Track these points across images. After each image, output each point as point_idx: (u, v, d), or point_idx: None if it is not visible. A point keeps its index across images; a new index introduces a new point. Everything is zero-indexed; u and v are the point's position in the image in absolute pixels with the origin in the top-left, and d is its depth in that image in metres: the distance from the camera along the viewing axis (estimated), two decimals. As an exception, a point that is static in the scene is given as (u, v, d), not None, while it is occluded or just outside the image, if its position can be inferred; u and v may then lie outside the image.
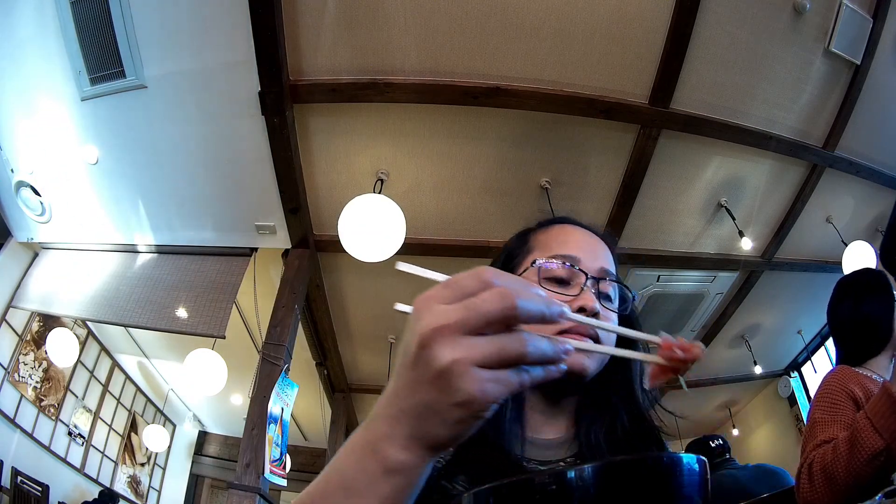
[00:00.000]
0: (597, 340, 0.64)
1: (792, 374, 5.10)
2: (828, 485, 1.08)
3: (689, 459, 0.37)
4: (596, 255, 0.71)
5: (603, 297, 0.68)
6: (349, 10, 2.27)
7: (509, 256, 0.76)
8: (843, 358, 1.42)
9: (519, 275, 0.70)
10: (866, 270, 1.58)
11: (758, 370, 4.80)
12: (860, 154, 3.17)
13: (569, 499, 0.35)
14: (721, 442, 2.63)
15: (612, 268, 0.72)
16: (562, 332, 0.60)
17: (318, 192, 2.99)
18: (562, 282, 0.68)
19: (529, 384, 0.35)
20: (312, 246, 3.20)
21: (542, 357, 0.35)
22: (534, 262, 0.69)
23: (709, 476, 0.38)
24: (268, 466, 2.64)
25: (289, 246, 3.19)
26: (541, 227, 0.77)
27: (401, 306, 0.40)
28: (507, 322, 0.34)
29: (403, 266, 0.40)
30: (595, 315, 0.64)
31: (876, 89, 2.85)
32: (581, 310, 0.63)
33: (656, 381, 0.50)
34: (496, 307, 0.33)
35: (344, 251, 2.64)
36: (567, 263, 0.68)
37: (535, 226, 0.78)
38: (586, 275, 0.67)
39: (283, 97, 2.44)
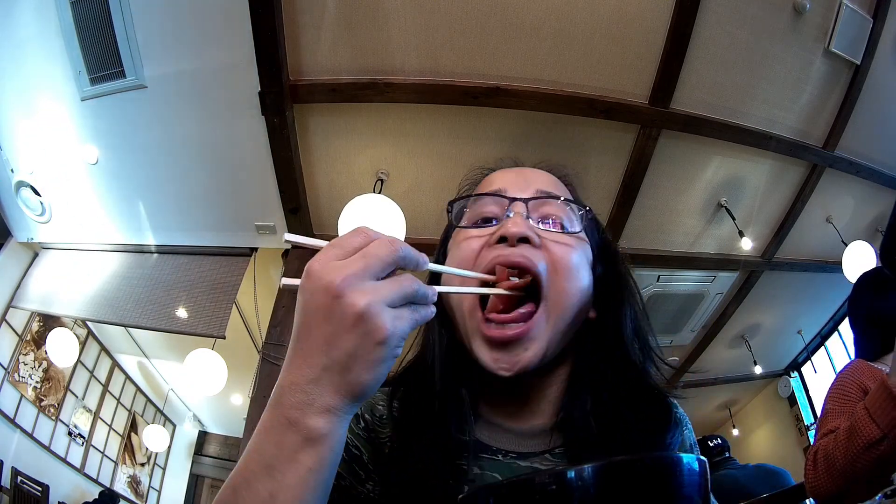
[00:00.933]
0: (526, 271, 0.54)
1: (792, 374, 5.10)
2: (828, 471, 1.11)
3: (689, 459, 0.37)
4: (529, 182, 0.62)
5: (545, 220, 0.59)
6: (349, 9, 2.27)
7: (445, 232, 0.69)
8: (861, 352, 1.43)
9: (450, 235, 0.65)
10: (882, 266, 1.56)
11: (758, 370, 4.80)
12: (860, 154, 3.17)
13: (568, 498, 0.35)
14: (720, 441, 2.63)
15: (553, 188, 0.63)
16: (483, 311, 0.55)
17: (318, 192, 2.98)
18: (491, 221, 0.60)
19: (421, 321, 0.40)
20: (312, 246, 3.20)
21: (424, 296, 0.40)
22: (449, 205, 0.63)
23: (709, 476, 0.38)
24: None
25: (289, 246, 3.19)
26: (473, 185, 0.71)
27: (287, 280, 0.42)
28: (396, 265, 0.39)
29: (290, 237, 0.43)
30: (525, 241, 0.55)
31: (876, 89, 2.85)
32: (503, 239, 0.55)
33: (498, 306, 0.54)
34: (389, 252, 0.38)
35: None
36: (496, 195, 0.60)
37: (480, 175, 0.71)
38: (511, 199, 0.58)
39: (283, 97, 2.44)
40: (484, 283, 0.55)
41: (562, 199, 0.61)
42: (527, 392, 0.59)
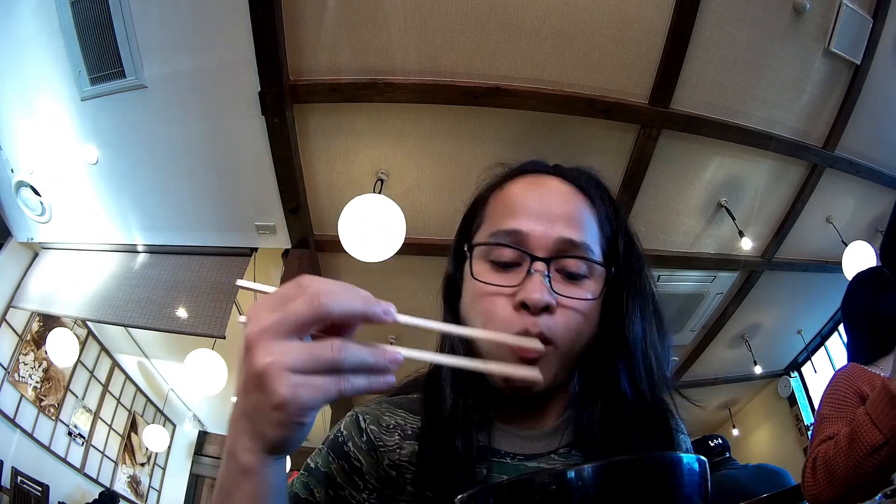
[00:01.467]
0: (546, 341, 0.53)
1: (792, 374, 5.10)
2: (829, 478, 1.09)
3: (689, 459, 0.37)
4: (553, 220, 0.56)
5: (568, 277, 0.56)
6: (349, 9, 2.27)
7: (467, 222, 0.66)
8: (855, 355, 1.41)
9: (468, 256, 0.60)
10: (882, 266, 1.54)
11: (758, 370, 4.80)
12: (860, 154, 3.17)
13: (568, 498, 0.35)
14: (720, 441, 2.63)
15: (580, 232, 0.57)
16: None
17: (318, 192, 2.98)
18: (509, 265, 0.56)
19: (351, 393, 0.36)
20: (312, 246, 3.20)
21: (360, 365, 0.35)
22: (471, 247, 0.59)
23: (709, 476, 0.38)
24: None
25: (289, 246, 3.19)
26: (501, 182, 0.64)
27: (242, 318, 0.41)
28: (319, 322, 0.35)
29: (242, 282, 0.43)
30: (546, 310, 0.53)
31: (876, 89, 2.85)
32: (523, 306, 0.53)
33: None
34: (304, 309, 0.34)
35: (344, 251, 2.64)
36: (512, 246, 0.56)
37: (497, 180, 0.65)
38: (532, 257, 0.54)
39: (283, 97, 2.44)
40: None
41: (582, 257, 0.57)
42: (535, 400, 0.60)
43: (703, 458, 0.38)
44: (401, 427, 0.62)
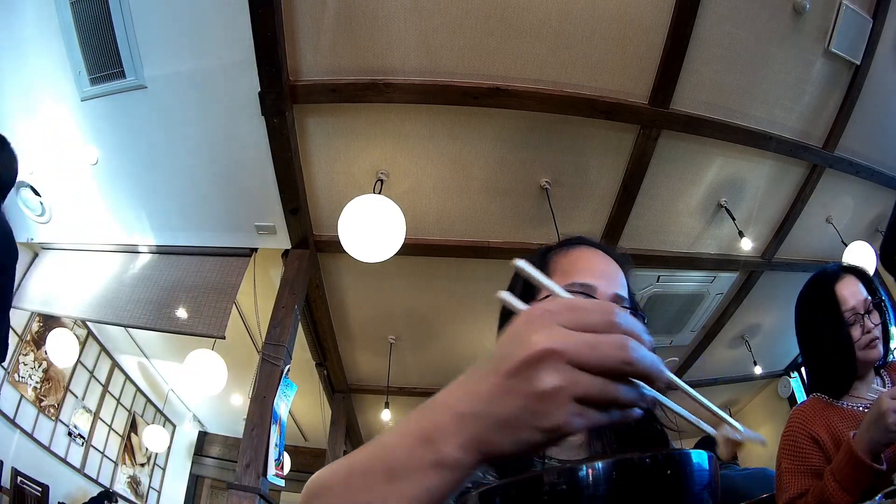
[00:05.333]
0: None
1: (792, 374, 5.10)
2: None
3: (699, 455, 0.37)
4: (611, 281, 0.74)
5: None
6: (349, 10, 2.27)
7: (527, 283, 0.75)
8: (814, 386, 1.33)
9: (533, 298, 0.73)
10: (810, 281, 1.42)
11: (758, 370, 4.80)
12: (860, 154, 3.17)
13: (578, 496, 0.34)
14: None
15: (624, 291, 0.75)
16: None
17: (318, 192, 2.98)
18: None
19: (609, 424, 0.34)
20: (312, 246, 3.20)
21: (628, 402, 0.34)
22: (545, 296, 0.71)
23: (718, 472, 0.38)
24: (272, 468, 2.64)
25: (289, 246, 3.19)
26: (560, 248, 0.80)
27: (506, 296, 0.39)
28: (617, 373, 0.33)
29: (521, 264, 0.39)
30: None
31: (876, 89, 2.85)
32: None
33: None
34: (615, 357, 0.33)
35: (344, 251, 2.64)
36: (585, 294, 0.71)
37: (555, 246, 0.81)
38: None
39: (283, 98, 2.44)
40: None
41: (629, 307, 0.73)
42: None
43: (712, 454, 0.38)
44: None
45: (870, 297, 1.29)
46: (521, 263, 0.39)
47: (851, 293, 1.30)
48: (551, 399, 0.32)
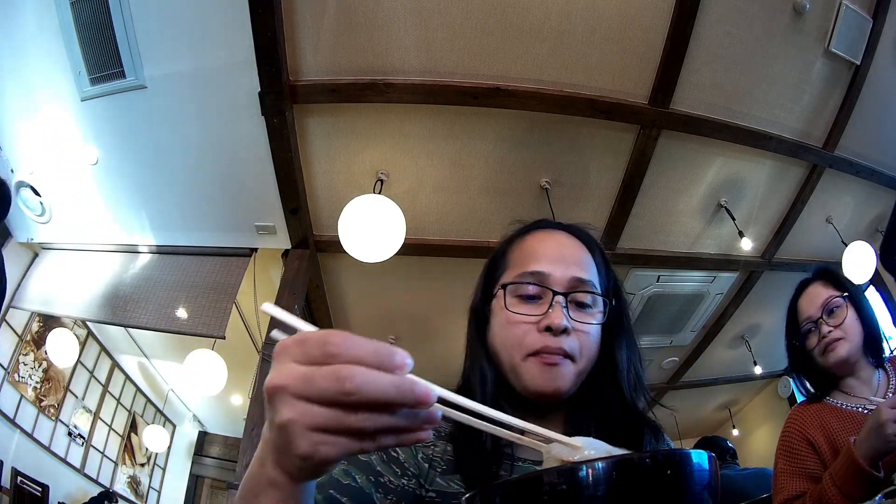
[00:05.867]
0: (568, 356, 0.67)
1: (792, 376, 5.09)
2: None
3: (699, 455, 0.37)
4: (567, 263, 0.72)
5: (578, 306, 0.70)
6: (349, 10, 2.27)
7: (492, 268, 0.79)
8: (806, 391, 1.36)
9: (496, 294, 0.74)
10: (792, 296, 1.44)
11: (758, 370, 4.80)
12: (860, 154, 3.17)
13: (578, 496, 0.34)
14: (731, 446, 2.67)
15: (588, 274, 0.72)
16: (535, 353, 0.67)
17: (318, 192, 2.98)
18: (533, 298, 0.70)
19: (375, 450, 0.37)
20: (312, 246, 3.20)
21: (388, 429, 0.34)
22: (503, 286, 0.72)
23: (718, 472, 0.38)
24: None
25: (289, 246, 3.19)
26: (518, 235, 0.79)
27: (278, 334, 0.40)
28: (343, 403, 0.33)
29: (269, 308, 0.40)
30: (564, 332, 0.67)
31: (876, 89, 2.85)
32: (548, 329, 0.67)
33: None
34: (331, 389, 0.33)
35: (344, 251, 2.64)
36: (537, 284, 0.70)
37: (515, 234, 0.80)
38: (554, 292, 0.69)
39: (283, 98, 2.44)
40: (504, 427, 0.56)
41: (591, 291, 0.72)
42: (545, 411, 0.71)
43: (712, 454, 0.38)
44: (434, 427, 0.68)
45: (837, 295, 1.28)
46: (268, 308, 0.40)
47: (809, 301, 1.33)
48: (289, 431, 0.34)
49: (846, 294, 1.28)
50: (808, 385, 1.34)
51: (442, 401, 0.37)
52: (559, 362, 0.66)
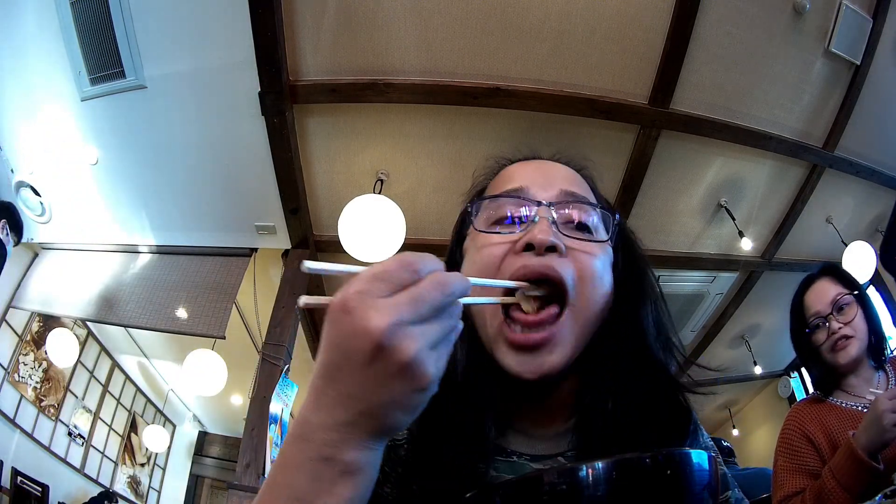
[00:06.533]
0: (557, 284, 0.52)
1: (792, 374, 5.10)
2: None
3: (699, 455, 0.37)
4: (551, 179, 0.59)
5: (570, 225, 0.56)
6: (349, 10, 2.27)
7: (458, 229, 0.67)
8: (813, 385, 1.36)
9: (467, 232, 0.62)
10: (794, 294, 1.44)
11: (758, 370, 4.80)
12: (860, 154, 3.17)
13: (578, 496, 0.34)
14: (728, 445, 2.68)
15: (577, 188, 0.59)
16: (506, 317, 0.53)
17: (318, 192, 2.98)
18: (511, 222, 0.56)
19: (455, 341, 0.39)
20: (312, 246, 3.20)
21: (457, 323, 0.39)
22: (470, 205, 0.60)
23: (718, 472, 0.38)
24: (269, 467, 2.64)
25: (289, 246, 3.19)
26: (497, 170, 0.67)
27: (309, 299, 0.38)
28: (448, 305, 0.37)
29: (311, 264, 0.38)
30: (552, 249, 0.52)
31: (876, 89, 2.85)
32: (529, 247, 0.53)
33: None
34: (440, 296, 0.36)
35: (344, 251, 2.64)
36: (516, 197, 0.57)
37: (495, 168, 0.68)
38: (538, 203, 0.55)
39: (283, 98, 2.44)
40: (507, 292, 0.52)
41: (589, 203, 0.58)
42: (543, 395, 0.57)
43: (711, 454, 0.38)
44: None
45: (846, 293, 1.28)
46: (309, 265, 0.39)
47: (817, 297, 1.32)
48: (417, 363, 0.34)
49: (856, 292, 1.28)
50: (812, 380, 1.34)
51: None
52: (538, 341, 0.51)
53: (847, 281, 1.32)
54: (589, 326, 0.54)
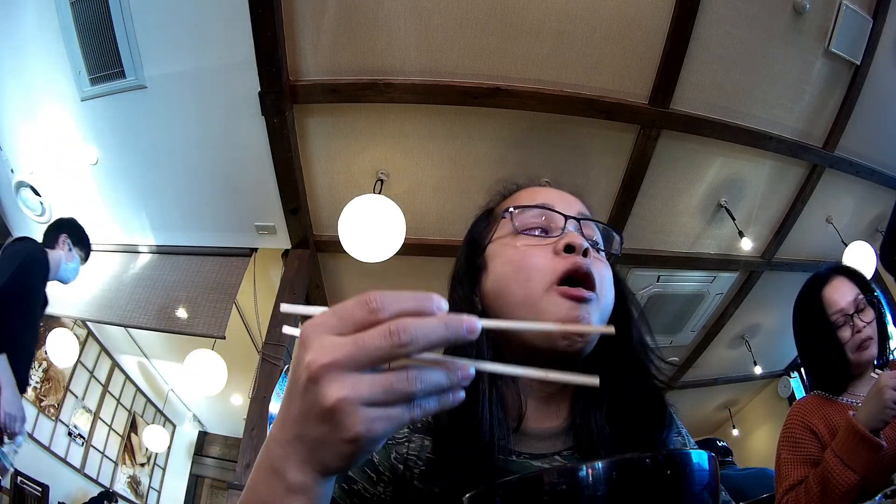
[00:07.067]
0: (590, 286, 0.59)
1: (792, 374, 5.10)
2: None
3: (699, 455, 0.37)
4: (569, 201, 0.68)
5: (589, 241, 0.63)
6: (349, 10, 2.27)
7: (473, 241, 0.71)
8: (813, 386, 1.36)
9: (492, 240, 0.67)
10: (802, 287, 1.43)
11: (758, 370, 4.80)
12: (860, 154, 3.17)
13: (578, 496, 0.34)
14: (726, 445, 2.67)
15: (590, 213, 0.69)
16: (562, 283, 0.58)
17: (318, 192, 2.98)
18: (540, 232, 0.64)
19: (421, 417, 0.34)
20: (312, 246, 3.20)
21: (434, 391, 0.34)
22: (505, 212, 0.65)
23: (718, 472, 0.38)
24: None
25: (289, 246, 3.19)
26: (503, 198, 0.74)
27: (288, 329, 0.38)
28: (392, 358, 0.32)
29: (286, 307, 0.39)
30: (585, 253, 0.59)
31: (876, 89, 2.85)
32: (569, 248, 0.60)
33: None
34: (382, 345, 0.32)
35: (344, 251, 2.64)
36: (545, 208, 0.65)
37: (497, 198, 0.76)
38: (565, 217, 0.64)
39: (283, 97, 2.44)
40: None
41: (600, 222, 0.68)
42: (547, 396, 0.63)
43: (712, 454, 0.38)
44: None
45: (862, 295, 1.29)
46: (286, 307, 0.39)
47: (840, 294, 1.31)
48: (340, 411, 0.32)
49: (875, 296, 1.30)
50: (818, 380, 1.33)
51: (470, 363, 0.35)
52: (589, 297, 0.57)
53: (864, 283, 1.33)
54: (604, 319, 0.61)
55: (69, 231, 2.23)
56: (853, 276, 1.34)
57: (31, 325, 1.99)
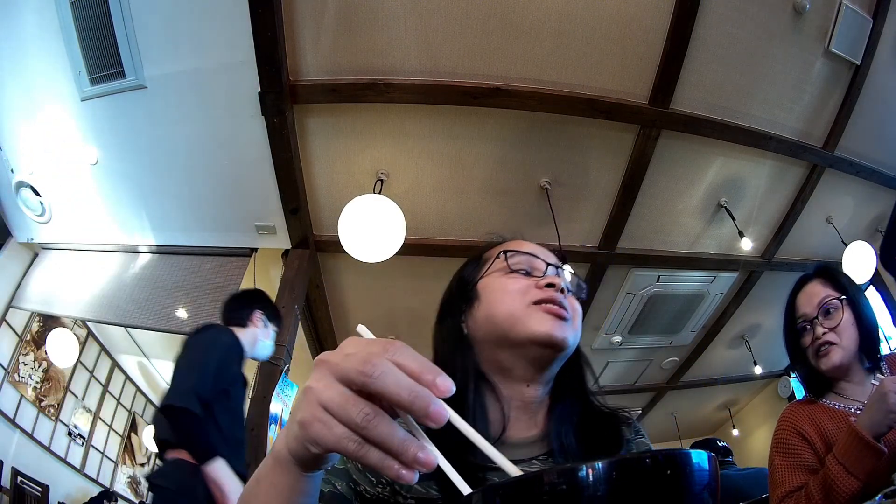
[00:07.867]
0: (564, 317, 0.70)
1: (792, 374, 5.10)
2: None
3: (699, 455, 0.37)
4: (549, 255, 0.80)
5: (564, 283, 0.74)
6: (349, 10, 2.27)
7: (464, 278, 0.82)
8: (804, 386, 1.35)
9: (484, 276, 0.78)
10: (790, 290, 1.41)
11: (758, 370, 4.80)
12: (860, 154, 3.17)
13: (578, 496, 0.34)
14: (725, 445, 2.67)
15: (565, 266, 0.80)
16: (540, 302, 0.70)
17: (318, 192, 2.98)
18: (525, 273, 0.76)
19: (359, 459, 0.35)
20: (312, 246, 3.20)
21: (382, 445, 0.35)
22: (500, 253, 0.78)
23: (718, 472, 0.38)
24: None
25: (289, 246, 3.19)
26: (490, 246, 0.86)
27: (362, 329, 0.44)
28: (361, 384, 0.35)
29: (362, 329, 0.44)
30: (562, 291, 0.72)
31: (876, 89, 2.85)
32: (550, 285, 0.72)
33: None
34: (352, 371, 0.36)
35: (344, 251, 2.64)
36: (529, 255, 0.77)
37: (484, 247, 0.88)
38: (546, 263, 0.76)
39: (283, 97, 2.44)
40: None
41: (572, 273, 0.80)
42: (526, 408, 0.72)
43: (712, 454, 0.38)
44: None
45: (835, 297, 1.25)
46: (362, 329, 0.44)
47: (807, 298, 1.30)
48: (305, 397, 0.38)
49: (843, 297, 1.25)
50: (802, 382, 1.33)
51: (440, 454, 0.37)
52: (566, 316, 0.70)
53: (837, 283, 1.29)
54: (575, 345, 0.73)
55: (264, 307, 2.15)
56: (829, 277, 1.31)
57: (240, 418, 1.97)
